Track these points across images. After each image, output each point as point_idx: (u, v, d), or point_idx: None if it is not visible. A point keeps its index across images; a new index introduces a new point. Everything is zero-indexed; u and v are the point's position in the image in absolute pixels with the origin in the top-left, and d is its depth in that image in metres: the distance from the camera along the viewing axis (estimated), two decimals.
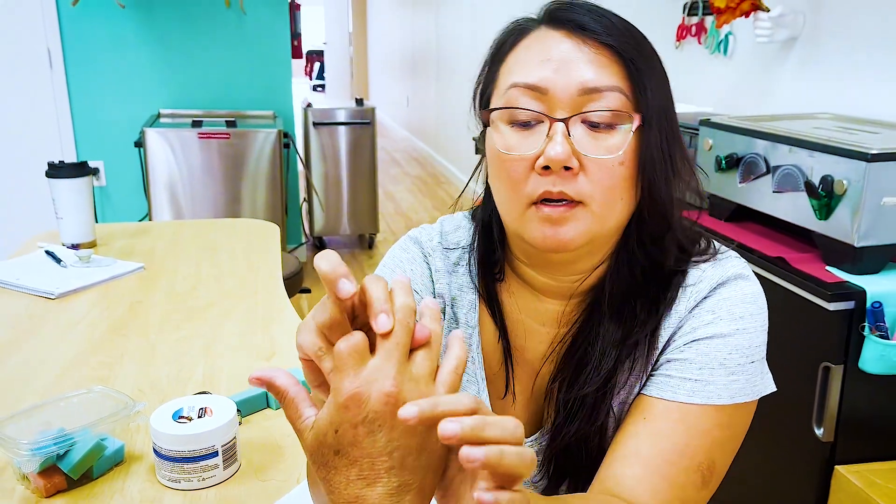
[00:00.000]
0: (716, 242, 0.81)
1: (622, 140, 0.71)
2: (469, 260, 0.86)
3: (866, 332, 1.43)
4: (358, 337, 0.52)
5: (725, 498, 0.77)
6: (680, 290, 0.77)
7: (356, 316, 0.55)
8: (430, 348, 0.55)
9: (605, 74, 0.71)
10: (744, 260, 0.80)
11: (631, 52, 0.72)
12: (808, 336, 1.51)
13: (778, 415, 0.77)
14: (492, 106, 0.76)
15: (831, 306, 1.45)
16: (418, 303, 0.57)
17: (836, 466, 1.51)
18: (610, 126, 0.71)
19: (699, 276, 0.77)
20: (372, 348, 0.53)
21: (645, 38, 0.75)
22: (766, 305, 0.77)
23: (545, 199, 0.72)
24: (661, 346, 0.77)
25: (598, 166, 0.71)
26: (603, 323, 0.78)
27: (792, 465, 1.60)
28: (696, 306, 0.76)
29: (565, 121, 0.71)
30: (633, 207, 0.75)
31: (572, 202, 0.71)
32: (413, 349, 0.54)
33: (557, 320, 0.82)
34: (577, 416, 0.78)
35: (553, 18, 0.75)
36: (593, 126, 0.71)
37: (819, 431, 1.51)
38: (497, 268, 0.84)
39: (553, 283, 0.80)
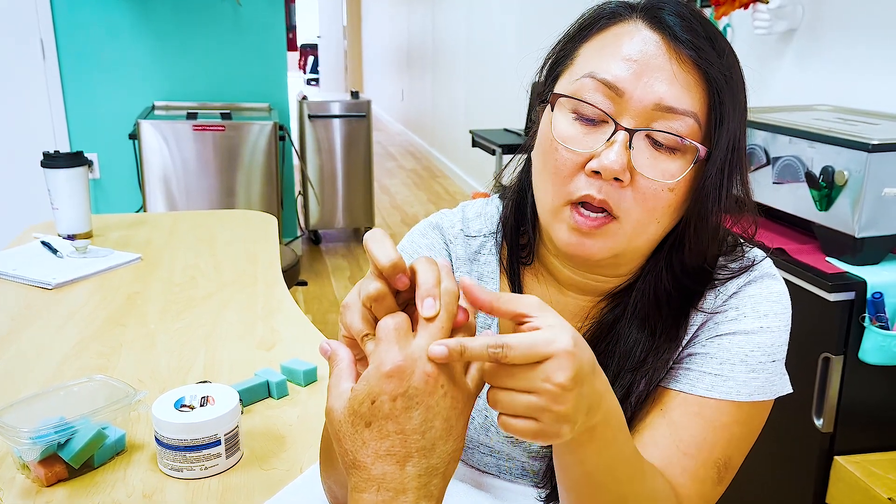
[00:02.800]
0: (742, 240, 0.79)
1: (680, 168, 0.68)
2: (496, 238, 0.84)
3: (866, 322, 1.43)
4: (404, 316, 0.54)
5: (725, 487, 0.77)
6: (706, 288, 0.76)
7: (399, 291, 0.56)
8: (467, 335, 0.56)
9: (685, 96, 0.67)
10: (770, 259, 0.78)
11: (721, 82, 0.68)
12: (808, 327, 1.51)
13: (778, 405, 0.77)
14: (560, 87, 0.73)
15: (832, 297, 1.45)
16: None
17: (836, 457, 1.51)
18: (673, 150, 0.68)
19: (726, 275, 0.76)
20: (413, 325, 0.55)
21: (737, 63, 0.71)
22: (790, 306, 0.76)
23: (583, 202, 0.69)
24: (684, 342, 0.76)
25: (648, 186, 0.68)
26: (620, 340, 0.76)
27: (791, 456, 1.60)
28: (723, 304, 0.75)
29: (630, 132, 0.67)
30: (668, 229, 0.73)
31: (609, 215, 0.69)
32: (454, 331, 0.56)
33: (577, 316, 0.81)
34: None
35: (652, 16, 0.69)
36: (656, 144, 0.68)
37: (819, 422, 1.51)
38: (526, 251, 0.82)
39: (577, 278, 0.79)
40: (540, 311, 0.53)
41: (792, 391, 0.76)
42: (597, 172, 0.68)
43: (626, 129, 0.67)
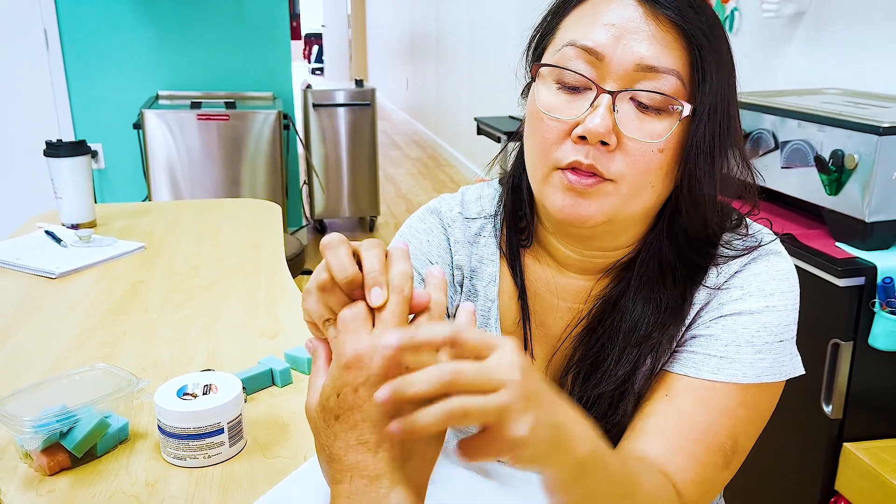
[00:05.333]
0: (748, 218, 0.79)
1: (667, 127, 0.68)
2: (495, 222, 0.84)
3: (877, 308, 1.42)
4: (361, 305, 0.54)
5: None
6: (710, 267, 0.75)
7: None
8: (431, 315, 0.55)
9: (666, 54, 0.67)
10: (776, 236, 0.77)
11: (700, 37, 0.67)
12: (817, 312, 1.49)
13: (786, 392, 0.76)
14: (544, 60, 0.72)
15: (841, 282, 1.44)
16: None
17: (845, 443, 1.50)
18: (658, 110, 0.68)
19: (730, 252, 0.75)
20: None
21: (719, 22, 0.70)
22: (797, 284, 0.75)
23: (572, 168, 0.69)
24: (688, 322, 0.75)
25: (636, 148, 0.67)
26: (625, 314, 0.75)
27: (800, 443, 1.59)
28: (726, 282, 0.74)
29: (613, 94, 0.67)
30: (664, 196, 0.72)
31: (601, 178, 0.68)
32: (416, 314, 0.55)
33: (579, 296, 0.80)
34: (592, 411, 0.76)
35: None
36: (641, 106, 0.68)
37: (828, 408, 1.50)
38: (525, 233, 0.82)
39: (575, 256, 0.78)
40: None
41: (804, 372, 0.75)
42: (583, 138, 0.67)
43: (608, 92, 0.67)
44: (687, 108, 0.67)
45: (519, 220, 0.83)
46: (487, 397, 0.48)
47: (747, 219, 0.78)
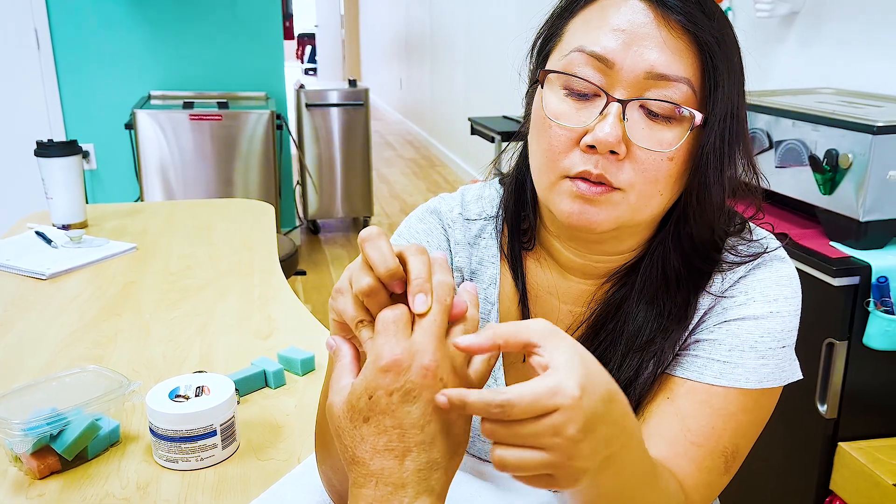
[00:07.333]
0: (751, 223, 0.78)
1: (677, 136, 0.66)
2: (496, 223, 0.82)
3: (871, 307, 1.42)
4: (403, 309, 0.53)
5: None
6: (714, 271, 0.74)
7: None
8: (466, 328, 0.55)
9: (677, 62, 0.65)
10: (779, 242, 0.77)
11: (712, 44, 0.66)
12: (812, 312, 1.48)
13: (781, 391, 0.76)
14: (550, 64, 0.71)
15: (836, 282, 1.44)
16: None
17: (840, 443, 1.49)
18: (668, 118, 0.66)
19: (734, 257, 0.74)
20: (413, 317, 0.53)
21: (731, 28, 0.69)
22: (800, 290, 0.74)
23: (581, 177, 0.67)
24: (691, 327, 0.74)
25: (645, 157, 0.66)
26: (628, 319, 0.74)
27: (795, 442, 1.59)
28: (731, 287, 0.73)
29: (623, 103, 0.65)
30: (672, 202, 0.71)
31: (609, 186, 0.67)
32: (452, 323, 0.54)
33: (581, 300, 0.79)
34: None
35: None
36: (651, 114, 0.66)
37: (822, 408, 1.50)
38: (527, 236, 0.81)
39: (579, 260, 0.77)
40: (548, 338, 0.50)
41: (802, 377, 0.74)
42: (592, 147, 0.66)
43: (618, 101, 0.66)
44: (698, 117, 0.66)
45: (521, 221, 0.82)
46: (539, 429, 0.48)
47: (751, 223, 0.78)
